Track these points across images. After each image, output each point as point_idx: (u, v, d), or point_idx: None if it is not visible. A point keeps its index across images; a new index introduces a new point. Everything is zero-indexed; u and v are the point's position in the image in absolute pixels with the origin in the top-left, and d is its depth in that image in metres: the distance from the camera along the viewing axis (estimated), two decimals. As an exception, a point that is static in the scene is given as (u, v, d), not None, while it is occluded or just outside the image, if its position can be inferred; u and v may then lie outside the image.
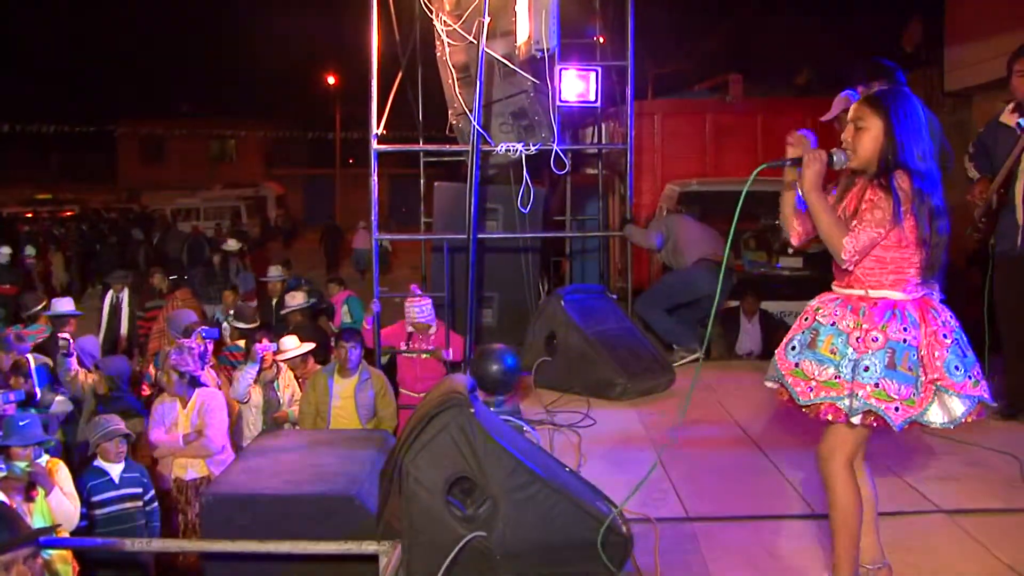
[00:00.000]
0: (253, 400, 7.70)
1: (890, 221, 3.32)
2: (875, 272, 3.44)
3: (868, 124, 3.44)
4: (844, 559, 3.60)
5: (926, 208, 3.34)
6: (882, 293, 3.43)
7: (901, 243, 3.38)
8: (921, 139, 3.41)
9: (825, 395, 3.42)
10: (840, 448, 3.52)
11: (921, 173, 3.36)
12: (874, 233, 3.33)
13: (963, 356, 3.40)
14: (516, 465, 3.91)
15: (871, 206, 3.35)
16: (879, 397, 3.31)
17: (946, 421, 3.41)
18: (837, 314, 3.48)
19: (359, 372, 7.48)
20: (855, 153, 3.46)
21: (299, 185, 45.14)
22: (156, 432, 6.98)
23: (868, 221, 3.34)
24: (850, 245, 3.33)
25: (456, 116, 8.33)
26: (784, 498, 4.86)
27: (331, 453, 5.04)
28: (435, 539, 3.87)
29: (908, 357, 3.33)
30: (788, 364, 3.55)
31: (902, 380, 3.32)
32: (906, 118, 3.41)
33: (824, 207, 3.40)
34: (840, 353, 3.41)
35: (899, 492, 4.90)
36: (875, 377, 3.32)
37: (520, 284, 9.12)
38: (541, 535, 3.86)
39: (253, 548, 4.17)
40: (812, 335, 3.51)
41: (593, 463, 5.32)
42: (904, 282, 3.43)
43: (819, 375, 3.44)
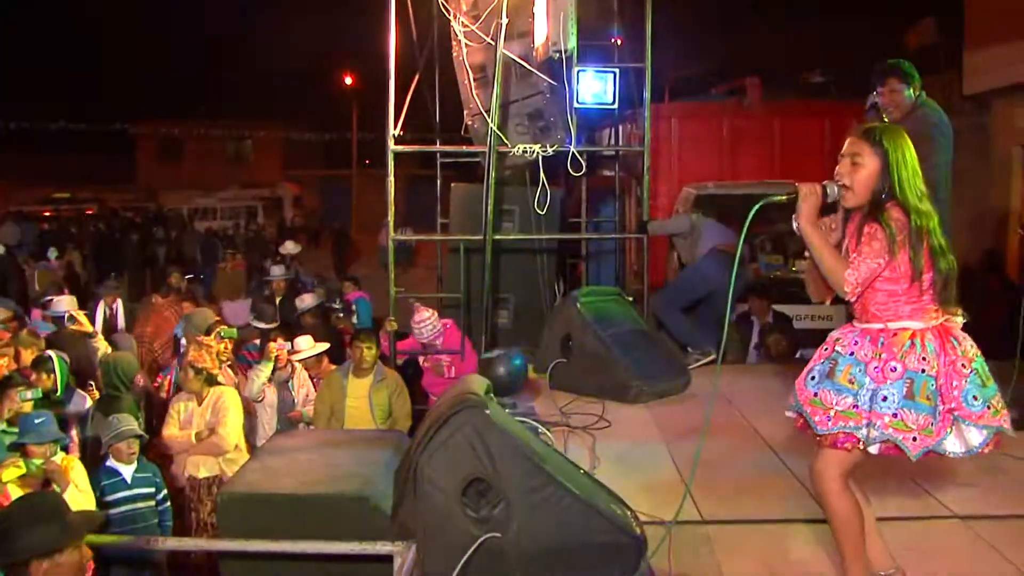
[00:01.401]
0: (267, 399, 7.72)
1: (888, 252, 3.34)
2: (890, 307, 3.46)
3: (865, 162, 3.46)
4: (853, 565, 3.62)
5: (925, 245, 3.37)
6: (901, 324, 3.44)
7: (907, 275, 3.40)
8: (918, 179, 3.43)
9: (844, 424, 3.44)
10: (834, 466, 3.54)
11: (919, 211, 3.38)
12: (873, 264, 3.36)
13: (982, 386, 3.40)
14: (531, 467, 3.92)
15: (869, 238, 3.37)
16: (897, 427, 3.34)
17: (963, 451, 3.43)
18: (856, 343, 3.49)
19: (374, 372, 7.49)
20: (852, 191, 3.48)
21: (315, 186, 45.19)
22: (170, 429, 7.01)
23: (867, 253, 3.36)
24: (852, 277, 3.36)
25: (472, 117, 8.34)
26: (799, 501, 4.84)
27: (346, 453, 5.05)
28: (449, 540, 3.87)
29: (927, 387, 3.35)
30: (807, 393, 3.57)
31: (920, 410, 3.34)
32: (904, 158, 3.42)
33: (822, 241, 3.45)
34: (858, 383, 3.43)
35: (915, 497, 4.89)
36: (893, 407, 3.34)
37: (536, 286, 9.13)
38: (555, 537, 3.86)
39: (267, 547, 4.19)
40: (831, 365, 3.52)
41: (607, 465, 5.31)
42: (922, 312, 3.45)
43: (837, 404, 3.45)
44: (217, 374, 7.23)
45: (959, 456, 3.44)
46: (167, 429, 7.04)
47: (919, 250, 3.35)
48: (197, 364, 7.04)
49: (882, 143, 3.43)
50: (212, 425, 6.88)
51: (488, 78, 7.48)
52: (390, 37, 7.61)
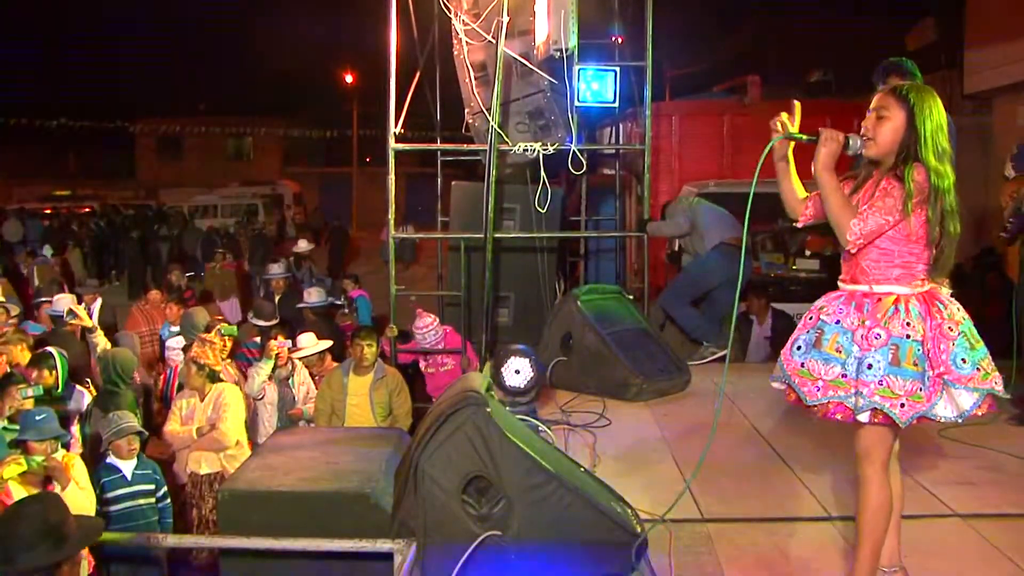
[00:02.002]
0: (268, 397, 7.72)
1: (900, 211, 3.31)
2: (881, 266, 3.42)
3: (891, 114, 3.42)
4: (865, 562, 3.59)
5: (939, 206, 3.33)
6: (886, 288, 3.42)
7: (910, 238, 3.37)
8: (942, 136, 3.40)
9: (833, 394, 3.42)
10: (876, 447, 3.50)
11: (939, 171, 3.34)
12: (882, 220, 3.33)
13: (970, 348, 3.37)
14: (532, 465, 3.92)
15: (884, 194, 3.35)
16: (884, 394, 3.30)
17: (955, 415, 3.38)
18: (841, 311, 3.47)
19: (375, 370, 7.50)
20: (875, 142, 3.44)
21: (316, 183, 45.20)
22: (172, 425, 7.03)
23: (879, 208, 3.34)
24: (856, 227, 3.33)
25: (473, 115, 8.34)
26: (799, 500, 4.85)
27: (346, 451, 5.05)
28: (450, 537, 3.88)
29: (912, 352, 3.32)
30: (794, 364, 3.55)
31: (907, 376, 3.31)
32: (930, 114, 3.39)
33: (835, 186, 3.41)
34: (846, 351, 3.41)
35: (916, 496, 4.88)
36: (879, 374, 3.31)
37: (536, 284, 9.13)
38: (556, 534, 3.87)
39: (268, 544, 4.19)
40: (817, 334, 3.50)
41: (608, 463, 5.32)
42: (911, 277, 3.41)
43: (826, 374, 3.44)
44: (219, 370, 7.25)
45: (951, 420, 3.39)
46: (169, 425, 7.07)
47: (935, 212, 3.33)
48: (200, 360, 7.07)
49: (908, 98, 3.41)
50: (213, 421, 6.90)
51: (489, 76, 7.49)
52: (391, 35, 7.61)
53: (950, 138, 6.31)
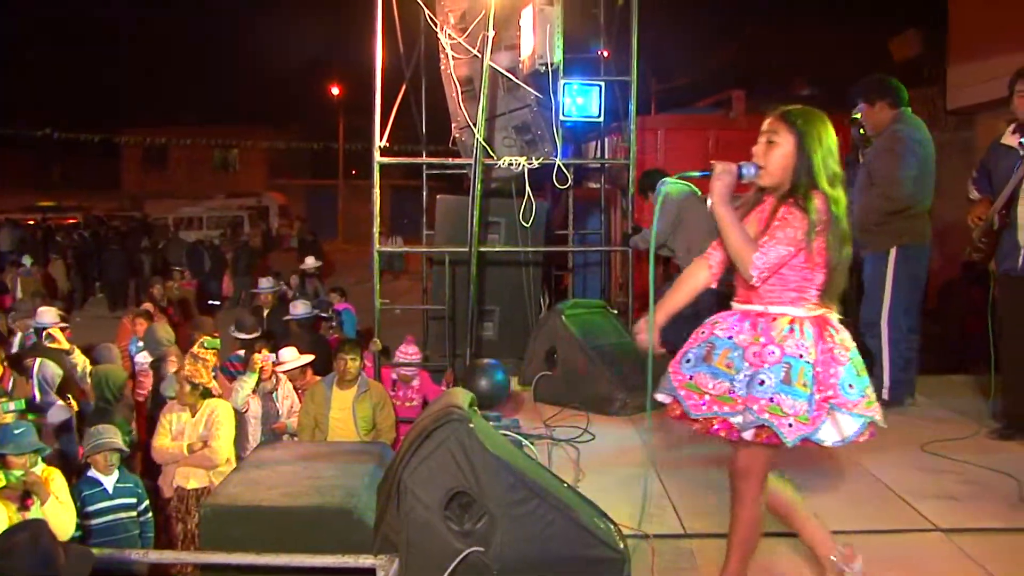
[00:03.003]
0: (252, 411, 7.70)
1: (802, 241, 3.30)
2: (776, 290, 3.42)
3: (780, 140, 3.41)
4: (734, 571, 3.64)
5: (839, 231, 3.34)
6: (782, 309, 3.41)
7: (806, 263, 3.37)
8: (833, 162, 3.39)
9: (718, 409, 3.41)
10: (756, 466, 3.50)
11: (835, 198, 3.34)
12: (784, 251, 3.32)
13: (857, 375, 3.39)
14: (514, 480, 3.91)
15: (784, 224, 3.33)
16: (773, 412, 3.29)
17: (838, 440, 3.40)
18: (735, 328, 3.46)
19: (358, 384, 7.48)
20: (765, 169, 3.43)
21: (302, 195, 45.16)
22: (161, 440, 7.00)
23: (780, 239, 3.32)
24: (759, 261, 3.31)
25: (459, 129, 8.37)
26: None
27: (329, 465, 5.05)
28: (432, 553, 3.87)
29: (804, 373, 3.31)
30: (682, 377, 3.52)
31: (797, 396, 3.29)
32: (820, 140, 3.38)
33: (733, 222, 3.38)
34: (736, 367, 3.39)
35: (897, 511, 4.91)
36: (770, 392, 3.29)
37: (521, 298, 9.13)
38: (539, 550, 3.86)
39: (250, 560, 4.18)
40: (708, 348, 3.49)
41: (591, 478, 5.31)
42: (804, 300, 3.41)
43: (713, 389, 3.42)
44: (212, 387, 7.23)
45: (834, 445, 3.40)
46: (158, 439, 7.04)
47: (835, 239, 3.33)
48: (194, 379, 7.05)
49: (796, 123, 3.39)
50: (205, 438, 6.89)
51: (475, 91, 7.51)
52: (377, 49, 7.63)
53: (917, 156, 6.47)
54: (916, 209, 6.69)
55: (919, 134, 6.66)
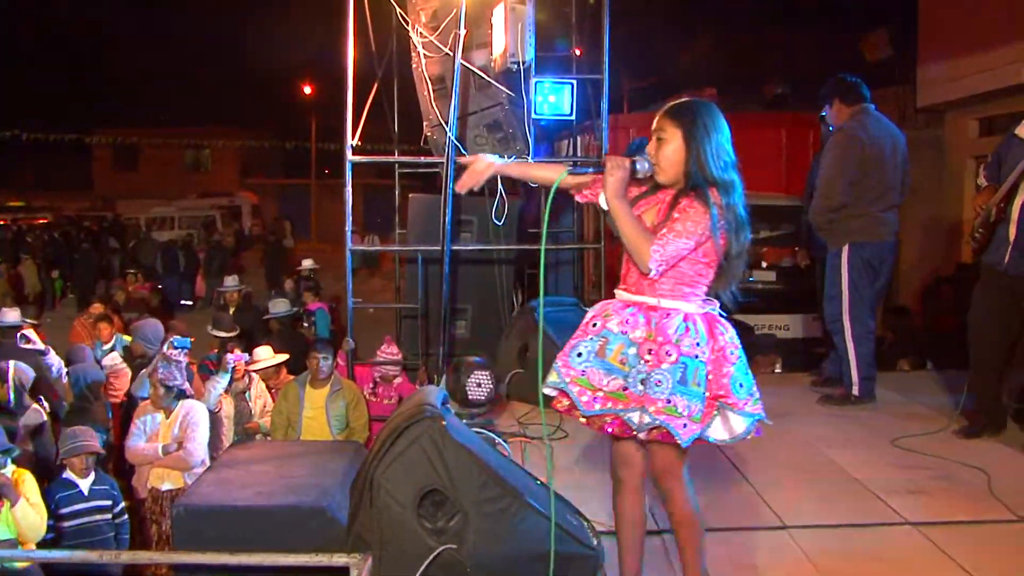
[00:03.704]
0: (225, 411, 7.69)
1: (703, 235, 3.29)
2: (669, 282, 3.39)
3: (668, 136, 3.40)
4: (695, 563, 3.63)
5: (735, 219, 3.33)
6: (675, 304, 3.39)
7: (700, 258, 3.36)
8: (724, 150, 3.38)
9: (612, 407, 3.37)
10: (674, 462, 3.48)
11: (726, 184, 3.34)
12: (682, 244, 3.28)
13: (746, 373, 3.40)
14: (487, 478, 3.92)
15: (684, 217, 3.30)
16: (669, 413, 3.26)
17: (728, 438, 3.41)
18: (629, 323, 3.41)
19: (331, 383, 7.48)
20: (659, 166, 3.42)
21: (274, 195, 45.01)
22: (136, 441, 6.97)
23: (679, 232, 3.28)
24: (658, 254, 3.26)
25: (431, 128, 8.35)
26: (755, 511, 4.89)
27: (302, 464, 5.04)
28: (406, 551, 3.87)
29: (698, 373, 3.30)
30: (574, 372, 3.45)
31: (691, 396, 3.28)
32: (706, 127, 3.36)
33: (628, 214, 3.34)
34: (630, 364, 3.36)
35: (868, 505, 4.95)
36: (666, 392, 3.27)
37: (494, 296, 9.13)
38: (512, 548, 3.87)
39: (223, 560, 4.15)
40: (602, 342, 3.43)
41: (564, 476, 5.32)
42: (695, 295, 3.41)
43: (606, 385, 3.38)
44: (186, 388, 7.20)
45: (723, 443, 3.42)
46: (132, 440, 7.01)
47: (732, 229, 3.33)
48: (167, 382, 7.01)
49: (681, 117, 3.38)
50: (180, 439, 6.87)
51: (447, 89, 7.49)
52: (348, 47, 7.61)
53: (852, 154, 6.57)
54: (861, 208, 6.80)
55: (866, 132, 6.75)
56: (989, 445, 5.91)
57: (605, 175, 3.36)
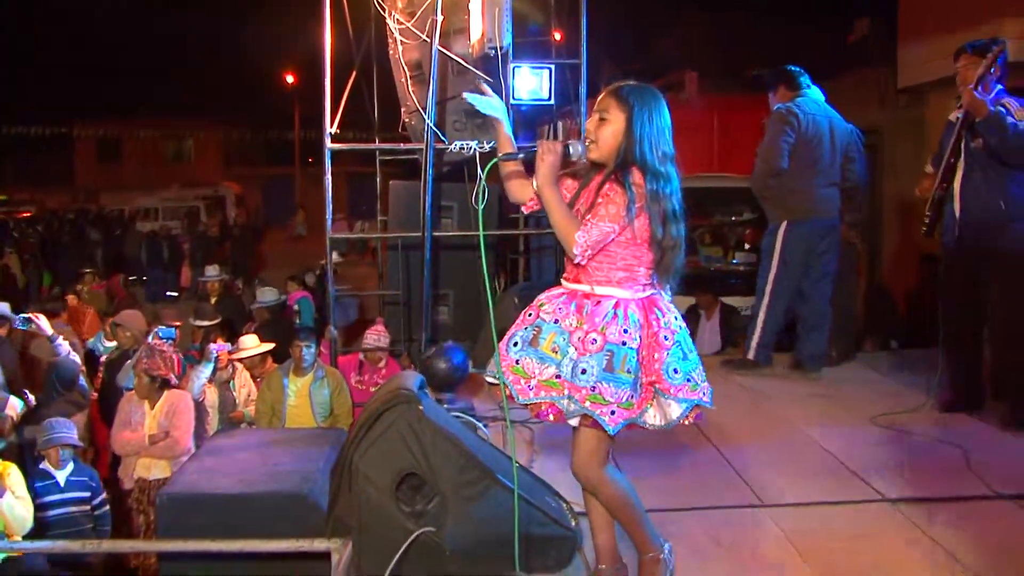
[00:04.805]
0: (208, 400, 7.70)
1: (623, 218, 3.29)
2: (603, 269, 3.40)
3: (611, 117, 3.39)
4: (641, 539, 3.64)
5: (660, 209, 3.32)
6: (608, 290, 3.40)
7: (634, 241, 3.35)
8: (663, 140, 3.38)
9: (546, 394, 3.40)
10: (596, 451, 3.48)
11: (658, 173, 3.33)
12: (607, 228, 3.29)
13: (683, 358, 3.40)
14: (465, 461, 3.94)
15: (606, 201, 3.32)
16: (595, 401, 3.28)
17: (662, 423, 3.41)
18: (561, 311, 3.44)
19: (314, 371, 7.50)
20: (596, 145, 3.42)
21: (258, 184, 44.90)
22: (121, 431, 6.99)
23: (602, 216, 3.30)
24: (582, 239, 3.28)
25: (409, 114, 8.33)
26: (733, 489, 4.93)
27: (285, 452, 5.05)
28: (385, 535, 3.89)
29: (627, 359, 3.31)
30: (509, 360, 3.50)
31: (619, 384, 3.29)
32: (650, 116, 3.36)
33: (556, 201, 3.35)
34: (562, 352, 3.38)
35: (843, 481, 5.00)
36: (592, 380, 3.29)
37: (475, 282, 9.13)
38: (491, 530, 3.89)
39: (205, 547, 4.18)
40: (535, 332, 3.46)
41: (545, 459, 5.35)
42: (633, 281, 3.41)
43: (540, 374, 3.41)
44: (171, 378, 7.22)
45: (658, 428, 3.41)
46: (118, 430, 7.03)
47: (655, 215, 3.31)
48: (152, 372, 7.03)
49: (628, 99, 3.37)
50: (167, 428, 6.89)
51: (424, 75, 7.48)
52: (325, 34, 7.59)
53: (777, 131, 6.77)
54: (801, 182, 7.04)
55: (801, 109, 7.00)
56: (967, 421, 5.98)
57: (536, 160, 3.36)
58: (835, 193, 7.16)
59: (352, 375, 8.12)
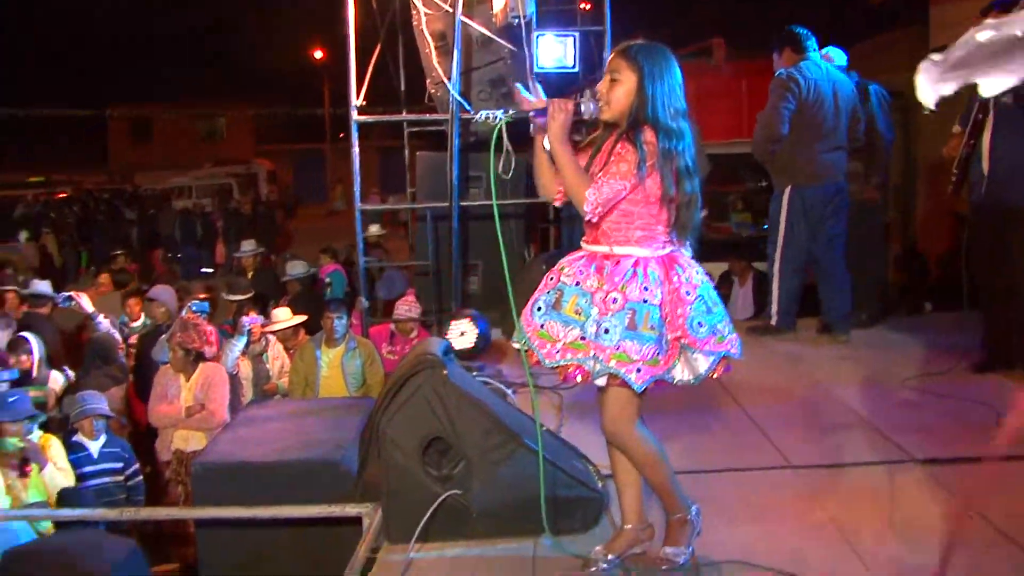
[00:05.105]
0: (242, 372, 7.79)
1: (635, 175, 3.28)
2: (622, 228, 3.40)
3: (622, 77, 3.38)
4: (669, 499, 3.64)
5: (672, 166, 3.31)
6: (627, 250, 3.39)
7: (648, 199, 3.35)
8: (675, 97, 3.36)
9: (572, 356, 3.39)
10: (624, 410, 3.48)
11: (670, 130, 3.31)
12: (618, 186, 3.29)
13: (707, 311, 3.38)
14: (490, 425, 3.99)
15: (618, 159, 3.31)
16: (620, 359, 3.28)
17: (691, 378, 3.40)
18: (581, 273, 3.44)
19: (346, 341, 7.57)
20: (608, 106, 3.42)
21: (289, 161, 45.05)
22: (158, 404, 7.09)
23: (613, 174, 3.30)
24: (592, 196, 3.28)
25: (434, 85, 8.34)
26: (761, 451, 4.93)
27: (317, 421, 5.14)
28: (413, 498, 3.95)
29: (649, 316, 3.30)
30: (534, 325, 3.51)
31: (644, 341, 3.29)
32: (660, 75, 3.35)
33: (569, 158, 3.36)
34: (585, 313, 3.38)
35: (873, 442, 4.98)
36: (615, 340, 3.29)
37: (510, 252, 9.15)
38: (517, 492, 3.94)
39: (239, 513, 4.27)
40: (557, 295, 3.47)
41: (573, 424, 5.36)
42: (651, 239, 3.40)
43: (565, 336, 3.41)
44: (205, 351, 7.31)
45: (687, 384, 3.40)
46: (155, 403, 7.13)
47: (667, 172, 3.30)
48: (187, 345, 7.13)
49: (638, 59, 3.36)
50: (202, 400, 6.98)
51: (449, 46, 7.48)
52: (348, 7, 7.61)
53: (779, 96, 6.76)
54: (804, 147, 7.03)
55: (802, 74, 6.99)
56: (998, 382, 5.92)
57: (548, 119, 3.37)
58: (840, 157, 7.14)
59: (384, 345, 8.18)
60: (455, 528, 3.97)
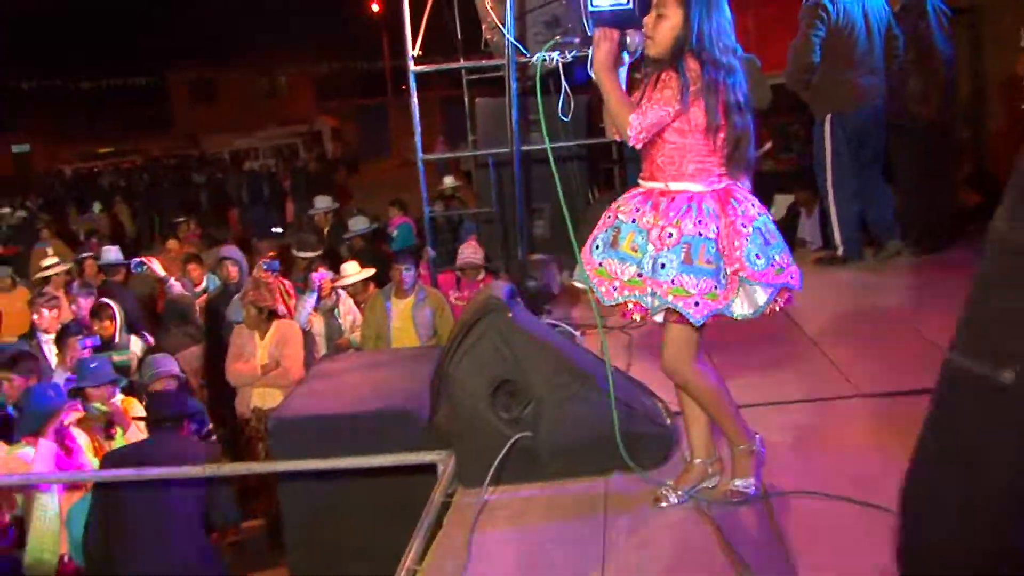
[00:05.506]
0: (315, 328, 7.91)
1: (678, 101, 3.26)
2: (675, 161, 3.38)
3: (668, 12, 3.35)
4: (733, 431, 3.63)
5: (718, 98, 3.27)
6: (682, 185, 3.37)
7: (696, 130, 3.32)
8: (724, 34, 3.33)
9: (629, 293, 3.38)
10: (684, 347, 3.48)
11: (717, 62, 3.28)
12: (661, 112, 3.27)
13: (765, 244, 3.35)
14: (557, 365, 4.02)
15: (662, 86, 3.29)
16: (677, 294, 3.26)
17: (751, 312, 3.36)
18: (637, 211, 3.42)
19: (415, 292, 7.63)
20: (654, 41, 3.38)
21: (353, 116, 45.18)
22: (234, 363, 7.23)
23: (657, 100, 3.28)
24: (636, 121, 3.27)
25: (490, 31, 8.29)
26: (828, 381, 4.89)
27: (389, 371, 5.20)
28: (484, 442, 3.99)
29: (705, 250, 3.27)
30: (593, 264, 3.51)
31: (701, 274, 3.26)
32: (708, 11, 3.31)
33: (614, 86, 3.35)
34: (641, 250, 3.36)
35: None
36: (672, 274, 3.26)
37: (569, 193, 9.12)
38: (586, 432, 3.96)
39: (316, 465, 4.35)
40: (614, 233, 3.45)
41: (643, 362, 5.36)
42: (705, 173, 3.38)
43: (622, 274, 3.40)
44: (278, 308, 7.43)
45: (748, 318, 3.37)
46: (231, 362, 7.27)
47: (713, 103, 3.27)
48: (259, 303, 7.25)
49: None
50: (277, 358, 7.10)
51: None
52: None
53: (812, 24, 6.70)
54: (838, 74, 7.02)
55: (830, 1, 6.94)
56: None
57: (593, 47, 3.38)
58: (877, 80, 7.11)
59: (451, 292, 8.24)
60: (527, 470, 4.01)
